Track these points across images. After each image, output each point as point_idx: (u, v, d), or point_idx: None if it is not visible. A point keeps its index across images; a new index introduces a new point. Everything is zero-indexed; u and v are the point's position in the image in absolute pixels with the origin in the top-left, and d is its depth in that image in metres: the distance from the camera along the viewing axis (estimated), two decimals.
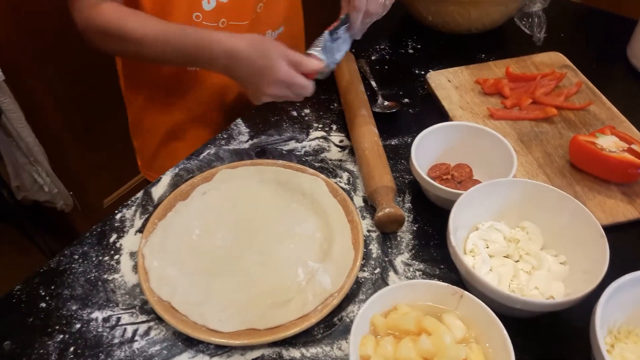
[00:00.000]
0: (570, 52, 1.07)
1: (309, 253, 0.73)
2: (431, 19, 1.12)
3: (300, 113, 0.98)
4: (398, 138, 0.92)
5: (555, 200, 0.69)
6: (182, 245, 0.73)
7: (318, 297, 0.66)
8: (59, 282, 0.72)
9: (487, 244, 0.69)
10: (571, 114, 0.94)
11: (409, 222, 0.78)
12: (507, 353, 0.53)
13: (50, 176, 1.66)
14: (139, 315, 0.68)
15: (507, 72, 1.00)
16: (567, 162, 0.85)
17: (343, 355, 0.63)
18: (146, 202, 0.83)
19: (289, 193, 0.81)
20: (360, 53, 1.13)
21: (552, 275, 0.66)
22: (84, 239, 0.78)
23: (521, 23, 1.15)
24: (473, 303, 0.58)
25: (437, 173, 0.80)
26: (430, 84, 1.01)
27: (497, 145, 0.78)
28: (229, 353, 0.64)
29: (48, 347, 0.65)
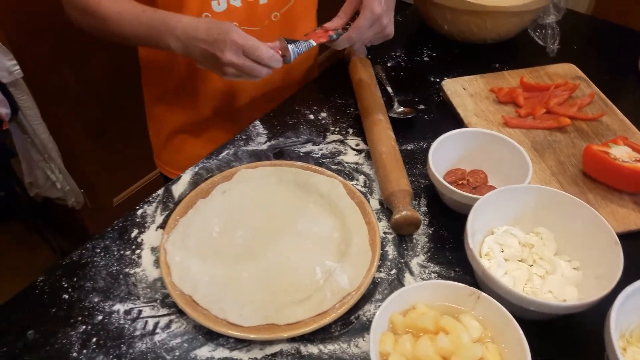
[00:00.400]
0: (583, 64, 1.09)
1: (326, 253, 0.74)
2: (447, 28, 1.14)
3: (317, 116, 1.00)
4: (414, 143, 0.94)
5: (570, 207, 0.70)
6: (202, 241, 0.75)
7: (336, 296, 0.67)
8: (81, 275, 0.74)
9: (502, 248, 0.71)
10: (584, 124, 0.95)
11: (425, 225, 0.79)
12: (524, 353, 0.54)
13: (62, 173, 1.68)
14: (160, 308, 0.69)
15: (522, 82, 1.02)
16: (579, 171, 0.86)
17: (360, 352, 0.64)
18: (167, 199, 0.84)
19: (306, 194, 0.82)
20: (376, 59, 1.15)
21: (566, 279, 0.68)
22: (106, 233, 0.79)
23: (535, 34, 1.17)
24: (490, 304, 0.59)
25: (452, 178, 0.82)
26: (445, 91, 1.03)
27: (512, 152, 0.80)
28: (248, 347, 0.65)
29: (71, 337, 0.67)
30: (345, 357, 0.64)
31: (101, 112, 1.73)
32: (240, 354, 0.64)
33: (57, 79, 1.55)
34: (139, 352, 0.65)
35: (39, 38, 1.45)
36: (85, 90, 1.64)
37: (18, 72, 1.37)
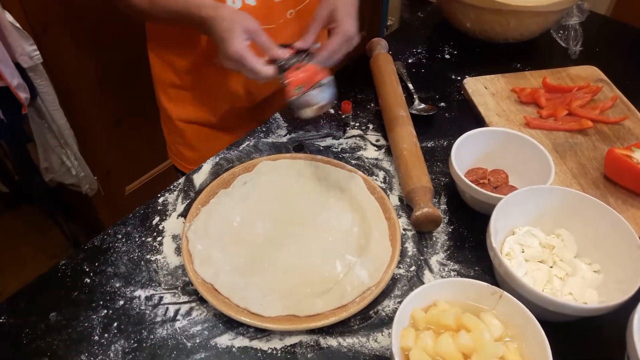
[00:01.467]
0: (605, 67, 1.08)
1: (346, 247, 0.75)
2: (469, 26, 1.13)
3: (338, 111, 1.00)
4: (434, 141, 0.94)
5: (593, 209, 0.70)
6: (224, 231, 0.75)
7: (356, 290, 0.68)
8: (102, 260, 0.75)
9: (523, 248, 0.71)
10: (606, 127, 0.95)
11: (445, 223, 0.79)
12: (544, 353, 0.54)
13: (78, 160, 1.69)
14: (181, 295, 0.70)
15: (544, 83, 1.01)
16: (601, 174, 0.86)
17: (379, 347, 0.65)
18: (188, 187, 0.85)
19: (327, 187, 0.83)
20: (397, 55, 1.15)
21: (586, 282, 0.68)
22: (127, 219, 0.80)
23: (557, 35, 1.17)
24: (511, 303, 0.59)
25: (473, 177, 0.82)
26: (467, 90, 1.02)
27: (534, 153, 0.80)
28: (267, 337, 0.66)
29: (92, 321, 0.68)
30: (364, 351, 0.64)
31: (118, 101, 1.73)
32: (260, 343, 0.65)
33: (76, 66, 1.56)
34: (160, 338, 0.66)
35: (60, 24, 1.46)
36: (104, 78, 1.65)
37: (38, 57, 1.38)
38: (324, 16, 0.80)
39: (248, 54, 0.76)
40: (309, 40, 0.82)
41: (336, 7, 0.80)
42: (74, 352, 0.64)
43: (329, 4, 0.80)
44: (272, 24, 0.93)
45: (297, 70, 0.79)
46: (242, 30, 0.76)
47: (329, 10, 0.80)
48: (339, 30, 0.80)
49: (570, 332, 0.66)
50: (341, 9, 0.80)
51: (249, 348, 0.65)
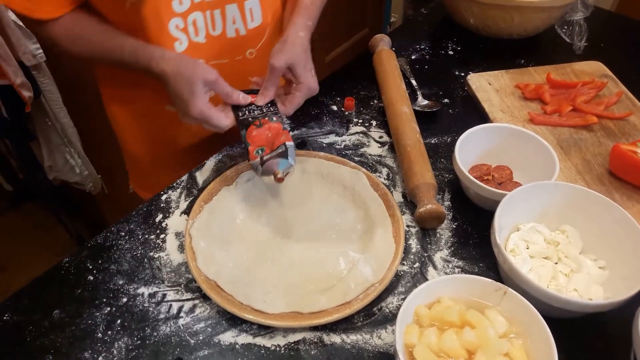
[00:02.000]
0: (610, 62, 1.07)
1: (349, 243, 0.74)
2: (473, 22, 1.13)
3: (341, 108, 1.00)
4: (438, 137, 0.93)
5: (598, 205, 0.70)
6: (227, 228, 0.75)
7: (360, 286, 0.67)
8: (105, 257, 0.75)
9: (527, 244, 0.71)
10: (611, 123, 0.94)
11: (449, 220, 0.79)
12: (550, 350, 0.54)
13: (82, 158, 1.69)
14: (184, 293, 0.70)
15: (548, 79, 1.01)
16: (606, 170, 0.85)
17: (382, 343, 0.65)
18: (191, 185, 0.85)
19: (330, 184, 0.82)
20: (400, 52, 1.14)
21: (591, 278, 0.67)
22: (131, 217, 0.80)
23: (562, 31, 1.16)
24: (516, 300, 0.59)
25: (477, 173, 0.81)
26: (470, 86, 1.02)
27: (539, 149, 0.79)
28: (271, 334, 0.65)
29: (96, 318, 0.68)
30: (367, 348, 0.64)
31: None
32: (264, 340, 0.65)
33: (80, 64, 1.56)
34: (163, 335, 0.66)
35: None
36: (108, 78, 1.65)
37: (41, 56, 1.38)
38: (280, 71, 0.77)
39: (211, 112, 0.75)
40: (268, 95, 0.80)
41: (293, 62, 0.77)
42: (78, 349, 0.64)
43: (284, 58, 0.77)
44: (225, 59, 0.88)
45: (259, 127, 0.77)
46: (202, 85, 0.73)
47: (287, 65, 0.77)
48: (301, 86, 0.79)
49: (575, 329, 0.66)
50: (299, 64, 0.78)
51: (253, 345, 0.64)
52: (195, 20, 0.81)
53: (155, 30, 0.78)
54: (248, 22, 0.85)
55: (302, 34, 0.80)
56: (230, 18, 0.83)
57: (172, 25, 0.79)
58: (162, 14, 0.77)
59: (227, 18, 0.83)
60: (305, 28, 0.81)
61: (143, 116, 0.97)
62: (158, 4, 0.76)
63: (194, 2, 0.79)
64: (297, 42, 0.78)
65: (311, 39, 0.83)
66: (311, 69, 0.80)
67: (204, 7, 0.80)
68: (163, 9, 0.77)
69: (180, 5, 0.78)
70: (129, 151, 1.09)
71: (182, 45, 0.82)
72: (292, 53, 0.77)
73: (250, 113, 0.79)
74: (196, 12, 0.80)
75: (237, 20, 0.84)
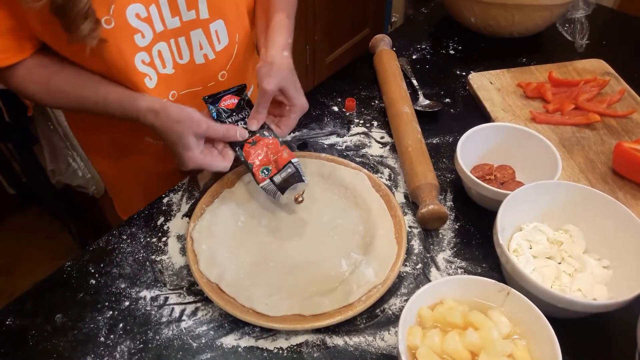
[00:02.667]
0: (612, 60, 1.07)
1: (351, 245, 0.74)
2: (474, 21, 1.12)
3: (342, 109, 1.00)
4: (439, 137, 0.93)
5: (601, 204, 0.69)
6: (228, 230, 0.75)
7: (362, 288, 0.67)
8: (107, 261, 0.75)
9: (530, 244, 0.70)
10: (613, 121, 0.94)
11: (451, 220, 0.79)
12: (554, 351, 0.54)
13: (84, 161, 1.70)
14: (186, 296, 0.70)
15: (550, 77, 1.00)
16: (609, 168, 0.85)
17: (385, 345, 0.64)
18: (192, 187, 0.85)
19: (331, 186, 0.82)
20: (401, 52, 1.14)
21: (595, 278, 0.67)
22: (132, 220, 0.80)
23: (563, 29, 1.16)
24: (520, 301, 0.59)
25: (480, 173, 0.81)
26: (472, 85, 1.02)
27: (541, 148, 0.79)
28: (273, 337, 0.65)
29: (98, 322, 0.68)
30: (370, 350, 0.64)
31: None
32: (266, 343, 0.65)
33: None
34: (165, 338, 0.65)
35: None
36: None
37: None
38: (272, 95, 0.75)
39: (206, 160, 0.74)
40: (261, 119, 0.77)
41: (285, 85, 0.75)
42: (80, 353, 0.64)
43: (274, 81, 0.74)
44: (199, 87, 0.85)
45: (253, 144, 0.77)
46: (193, 137, 0.72)
47: (278, 88, 0.75)
48: (295, 108, 0.78)
49: (579, 329, 0.65)
50: (290, 85, 0.76)
51: (255, 348, 0.64)
52: (161, 51, 0.77)
53: (122, 69, 0.74)
54: (215, 45, 0.82)
55: (287, 54, 0.77)
56: (197, 44, 0.80)
57: (137, 60, 0.75)
58: (125, 52, 0.73)
59: (193, 44, 0.80)
60: (287, 47, 0.79)
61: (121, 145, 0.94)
62: (120, 43, 0.72)
63: (156, 33, 0.75)
64: (284, 63, 0.76)
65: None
66: (301, 91, 0.78)
67: (167, 36, 0.77)
68: (126, 46, 0.73)
69: (143, 39, 0.74)
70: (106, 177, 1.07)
71: (152, 80, 0.78)
72: (282, 76, 0.75)
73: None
74: (160, 42, 0.76)
75: (204, 45, 0.81)
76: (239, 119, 0.79)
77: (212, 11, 0.78)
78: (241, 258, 0.72)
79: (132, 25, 0.71)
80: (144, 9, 0.72)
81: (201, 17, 0.78)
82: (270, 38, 0.78)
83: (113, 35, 0.70)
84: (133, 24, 0.71)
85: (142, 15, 0.72)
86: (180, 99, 0.84)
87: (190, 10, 0.76)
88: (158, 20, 0.74)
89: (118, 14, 0.69)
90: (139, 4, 0.71)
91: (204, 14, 0.78)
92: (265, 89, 0.74)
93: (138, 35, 0.73)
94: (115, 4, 0.68)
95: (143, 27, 0.73)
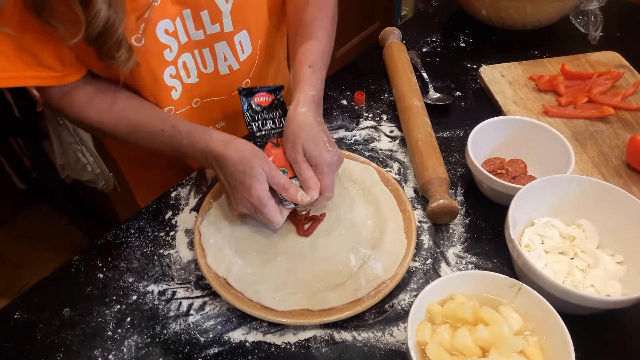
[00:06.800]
0: (626, 52, 1.05)
1: (360, 239, 0.73)
2: (485, 13, 1.11)
3: (351, 102, 0.99)
4: (450, 131, 0.92)
5: (615, 199, 0.68)
6: (236, 225, 0.75)
7: (371, 283, 0.66)
8: (115, 255, 0.74)
9: (542, 239, 0.69)
10: (627, 114, 0.92)
11: (462, 215, 0.78)
12: (566, 347, 0.53)
13: (93, 156, 1.70)
14: (194, 290, 0.69)
15: (563, 70, 0.99)
16: (623, 162, 0.83)
17: (394, 341, 0.63)
18: (200, 182, 0.84)
19: (340, 180, 0.81)
20: (411, 44, 1.13)
21: (609, 274, 0.65)
22: (140, 214, 0.80)
23: (576, 21, 1.13)
24: (531, 296, 0.58)
25: (491, 167, 0.80)
26: (483, 78, 1.00)
27: (553, 141, 0.78)
28: (281, 332, 0.65)
29: (106, 316, 0.68)
30: (379, 346, 0.63)
31: None
32: (274, 337, 0.64)
33: None
34: (173, 332, 0.65)
35: None
36: None
37: None
38: (298, 158, 0.70)
39: (269, 203, 0.68)
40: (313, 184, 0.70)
41: (303, 144, 0.70)
42: (88, 347, 0.64)
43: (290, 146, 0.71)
44: (223, 96, 0.85)
45: (276, 146, 0.74)
46: (262, 172, 0.67)
47: (301, 151, 0.70)
48: (320, 167, 0.70)
49: (592, 325, 0.64)
50: (307, 143, 0.70)
51: (263, 343, 0.64)
52: (185, 62, 0.77)
53: (151, 85, 0.74)
54: (240, 55, 0.81)
55: (304, 110, 0.72)
56: (222, 56, 0.80)
57: (166, 75, 0.75)
58: (155, 68, 0.73)
59: (217, 56, 0.79)
60: (307, 100, 0.73)
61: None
62: (150, 60, 0.72)
63: (181, 45, 0.75)
64: (297, 120, 0.71)
65: None
66: (324, 142, 0.71)
67: (191, 47, 0.76)
68: (156, 62, 0.73)
69: (171, 53, 0.74)
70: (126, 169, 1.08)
71: (177, 92, 0.78)
72: (296, 136, 0.70)
73: (265, 131, 0.76)
74: (185, 53, 0.76)
75: (228, 57, 0.80)
76: (269, 117, 0.77)
77: (237, 24, 0.77)
78: (249, 252, 0.71)
79: (162, 42, 0.72)
80: (172, 23, 0.71)
81: (225, 31, 0.77)
82: (293, 94, 0.75)
83: (143, 53, 0.70)
84: (162, 39, 0.72)
85: (170, 30, 0.72)
86: (203, 106, 0.84)
87: (215, 24, 0.75)
88: (183, 33, 0.74)
89: (148, 31, 0.69)
90: (167, 20, 0.71)
91: (229, 28, 0.77)
92: (288, 157, 0.71)
93: (167, 50, 0.73)
94: (145, 22, 0.68)
95: (170, 42, 0.73)
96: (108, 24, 0.60)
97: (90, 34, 0.60)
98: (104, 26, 0.60)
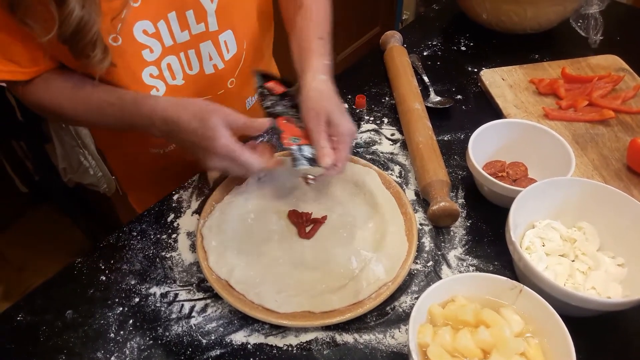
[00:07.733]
0: (627, 56, 1.05)
1: (361, 242, 0.74)
2: (486, 17, 1.11)
3: (352, 105, 0.99)
4: (451, 134, 0.92)
5: (616, 201, 0.68)
6: (238, 227, 0.75)
7: (372, 286, 0.67)
8: (118, 257, 0.75)
9: (543, 242, 0.69)
10: (628, 117, 0.92)
11: (463, 217, 0.78)
12: (567, 349, 0.53)
13: (95, 160, 1.71)
14: (196, 292, 0.70)
15: (563, 73, 0.99)
16: (623, 165, 0.83)
17: (396, 343, 0.64)
18: (202, 184, 0.84)
19: (341, 182, 0.82)
20: (412, 48, 1.13)
21: (610, 276, 0.66)
22: (142, 217, 0.80)
23: (576, 25, 1.14)
24: (532, 298, 0.58)
25: (492, 170, 0.80)
26: (484, 82, 1.00)
27: (554, 144, 0.78)
28: (283, 334, 0.65)
29: (108, 318, 0.68)
30: (380, 348, 0.63)
31: None
32: (275, 340, 0.64)
33: None
34: (175, 335, 0.65)
35: None
36: None
37: None
38: (322, 121, 0.70)
39: (237, 147, 0.67)
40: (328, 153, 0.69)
41: (329, 111, 0.70)
42: (90, 349, 0.65)
43: (318, 110, 0.70)
44: (208, 95, 0.85)
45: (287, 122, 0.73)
46: (219, 120, 0.66)
47: (325, 120, 0.70)
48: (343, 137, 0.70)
49: (593, 328, 0.64)
50: (335, 111, 0.70)
51: (265, 345, 0.64)
52: (170, 64, 0.77)
53: (131, 84, 0.74)
54: (224, 54, 0.82)
55: (324, 77, 0.73)
56: (207, 55, 0.80)
57: (145, 74, 0.75)
58: (134, 67, 0.73)
59: (203, 56, 0.80)
60: (325, 69, 0.74)
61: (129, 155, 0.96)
62: (128, 59, 0.72)
63: (165, 47, 0.75)
64: (319, 88, 0.71)
65: None
66: (345, 112, 0.72)
67: (177, 49, 0.76)
68: (134, 62, 0.73)
69: (152, 54, 0.74)
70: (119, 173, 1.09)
71: (159, 91, 0.78)
72: (320, 106, 0.70)
73: (275, 107, 0.75)
74: (169, 56, 0.76)
75: (213, 56, 0.80)
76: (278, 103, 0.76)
77: (222, 23, 0.78)
78: (251, 255, 0.72)
79: (140, 42, 0.72)
80: (152, 25, 0.72)
81: (210, 30, 0.78)
82: (305, 62, 0.75)
83: (120, 52, 0.70)
84: (140, 40, 0.72)
85: (149, 31, 0.72)
86: None
87: (200, 23, 0.76)
88: (167, 36, 0.74)
89: (125, 32, 0.69)
90: (147, 21, 0.71)
91: (213, 27, 0.78)
92: (309, 118, 0.70)
93: (146, 50, 0.73)
94: (122, 23, 0.68)
95: (151, 43, 0.73)
96: (82, 24, 0.60)
97: (64, 33, 0.61)
98: (77, 25, 0.60)
